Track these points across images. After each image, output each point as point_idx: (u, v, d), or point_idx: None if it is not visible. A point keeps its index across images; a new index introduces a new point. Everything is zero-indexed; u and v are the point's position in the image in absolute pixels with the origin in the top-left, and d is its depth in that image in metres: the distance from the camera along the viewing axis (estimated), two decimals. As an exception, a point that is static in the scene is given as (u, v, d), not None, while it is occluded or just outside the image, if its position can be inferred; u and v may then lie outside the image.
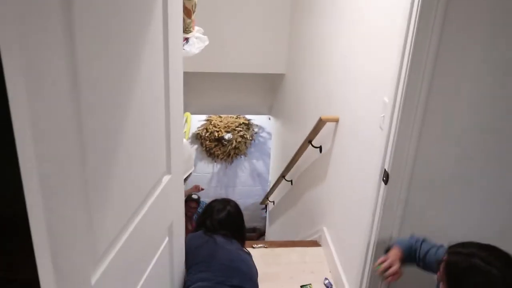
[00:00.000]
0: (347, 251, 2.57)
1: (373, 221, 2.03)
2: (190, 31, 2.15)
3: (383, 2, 2.03)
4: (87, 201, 0.99)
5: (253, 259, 2.32)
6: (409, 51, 1.67)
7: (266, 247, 3.08)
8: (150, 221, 1.44)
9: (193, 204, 4.80)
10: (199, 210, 6.32)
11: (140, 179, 1.34)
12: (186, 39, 2.15)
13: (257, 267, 2.30)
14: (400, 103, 1.74)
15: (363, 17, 2.30)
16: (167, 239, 1.68)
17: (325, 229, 3.02)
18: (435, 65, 1.67)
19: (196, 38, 2.18)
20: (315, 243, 3.14)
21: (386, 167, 1.88)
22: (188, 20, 2.11)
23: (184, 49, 2.15)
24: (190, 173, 2.35)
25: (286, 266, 2.92)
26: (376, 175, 1.96)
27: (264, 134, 7.66)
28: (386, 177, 1.87)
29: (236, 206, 2.29)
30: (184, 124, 3.20)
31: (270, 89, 5.88)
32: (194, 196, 4.85)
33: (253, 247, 3.05)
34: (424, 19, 1.60)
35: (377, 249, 2.04)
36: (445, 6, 1.59)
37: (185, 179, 2.27)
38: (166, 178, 1.57)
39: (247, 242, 3.12)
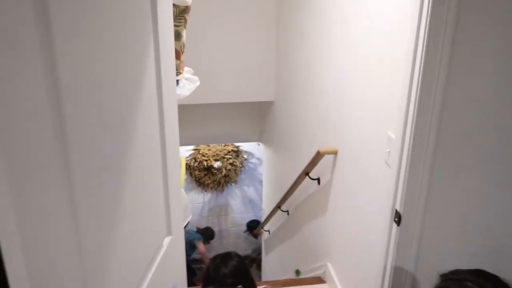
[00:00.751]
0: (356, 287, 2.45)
1: (386, 261, 1.92)
2: (180, 73, 2.04)
3: (384, 21, 1.94)
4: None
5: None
6: (418, 78, 1.56)
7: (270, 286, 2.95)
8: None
9: None
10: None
11: (140, 250, 1.22)
12: (176, 81, 2.04)
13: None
14: (410, 139, 1.64)
15: (362, 39, 2.21)
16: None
17: (329, 264, 2.90)
18: (445, 93, 1.57)
19: (186, 79, 2.08)
20: (319, 280, 3.01)
21: (397, 208, 1.77)
22: (177, 62, 2.01)
23: (175, 93, 2.04)
24: (188, 222, 2.22)
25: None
26: (387, 215, 1.85)
27: (254, 160, 7.56)
28: (398, 218, 1.77)
29: (238, 256, 2.14)
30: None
31: (258, 116, 5.79)
32: None
33: (256, 289, 2.91)
34: (433, 43, 1.51)
35: (393, 285, 1.92)
36: (455, 24, 1.49)
37: (185, 226, 2.14)
38: (167, 241, 1.45)
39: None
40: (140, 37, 1.14)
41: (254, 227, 7.33)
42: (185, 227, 2.13)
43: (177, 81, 2.06)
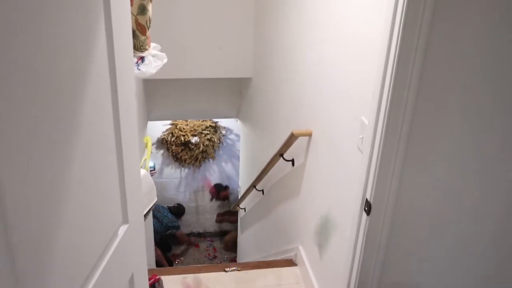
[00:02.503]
0: (326, 273, 2.41)
1: (354, 249, 1.87)
2: (146, 49, 1.93)
3: (361, 4, 1.85)
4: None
5: (226, 284, 2.12)
6: (393, 63, 1.48)
7: (239, 270, 2.90)
8: (107, 279, 1.24)
9: None
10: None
11: (90, 241, 1.13)
12: (142, 58, 1.94)
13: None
14: (383, 126, 1.57)
15: (337, 21, 2.13)
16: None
17: (300, 248, 2.86)
18: (420, 79, 1.50)
19: (153, 56, 1.97)
20: (290, 262, 2.98)
21: (368, 197, 1.71)
22: (143, 37, 1.90)
23: (139, 70, 1.94)
24: (153, 205, 2.14)
25: (262, 289, 2.75)
26: (357, 203, 1.79)
27: (232, 136, 7.48)
28: (368, 207, 1.71)
29: None
30: (144, 150, 2.98)
31: (237, 92, 5.69)
32: None
33: (226, 271, 2.86)
34: (410, 26, 1.42)
35: (360, 274, 1.87)
36: (433, 6, 1.40)
37: (148, 212, 2.07)
38: (123, 229, 1.37)
39: (219, 266, 2.95)
40: (90, 11, 1.03)
41: (219, 190, 7.37)
42: (149, 211, 2.06)
43: (143, 58, 1.95)
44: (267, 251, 3.96)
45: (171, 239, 7.04)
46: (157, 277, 2.75)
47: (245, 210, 5.53)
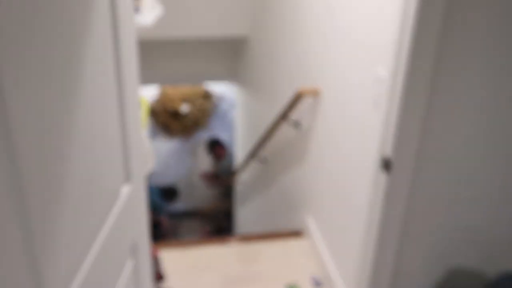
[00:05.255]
0: (339, 244, 2.45)
1: (372, 215, 1.91)
2: (140, -3, 1.93)
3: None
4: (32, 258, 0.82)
5: (227, 258, 2.15)
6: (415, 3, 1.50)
7: (241, 241, 2.95)
8: (108, 247, 1.26)
9: None
10: None
11: (93, 200, 1.15)
12: (136, 9, 1.93)
13: (233, 268, 2.15)
14: (404, 75, 1.59)
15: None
16: (130, 263, 1.50)
17: (309, 218, 2.90)
18: (445, 22, 1.51)
19: (149, 5, 1.97)
20: (298, 234, 3.02)
21: (387, 154, 1.74)
22: (137, -16, 1.89)
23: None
24: (149, 173, 2.16)
25: (267, 263, 2.80)
26: (374, 161, 1.82)
27: (226, 105, 7.47)
28: (387, 165, 1.74)
29: None
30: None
31: (232, 53, 5.66)
32: None
33: (226, 244, 2.91)
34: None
35: (379, 242, 1.91)
36: None
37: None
38: (125, 189, 1.39)
39: (219, 239, 2.99)
40: None
41: (215, 144, 7.14)
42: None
43: (138, 7, 1.95)
44: (269, 226, 4.00)
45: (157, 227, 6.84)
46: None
47: (243, 183, 5.57)
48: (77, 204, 1.04)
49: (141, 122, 2.68)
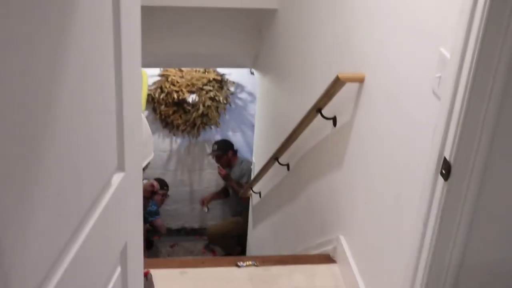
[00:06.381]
0: (379, 270, 2.47)
1: (424, 230, 1.92)
2: None
3: None
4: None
5: (239, 282, 2.19)
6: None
7: (256, 265, 2.97)
8: (92, 247, 1.29)
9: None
10: None
11: (79, 183, 1.18)
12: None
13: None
14: (474, 58, 1.60)
15: None
16: (119, 269, 1.53)
17: (342, 238, 2.92)
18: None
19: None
20: (327, 259, 3.05)
21: (446, 155, 1.75)
22: None
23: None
24: (149, 162, 2.20)
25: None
26: (431, 165, 1.83)
27: (243, 95, 7.50)
28: (446, 169, 1.75)
29: None
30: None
31: (254, 31, 5.69)
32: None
33: (238, 266, 2.93)
34: None
35: (430, 271, 1.92)
36: None
37: (143, 170, 2.13)
38: (117, 178, 1.42)
39: (229, 259, 3.01)
40: None
41: (225, 149, 7.08)
42: (144, 169, 2.12)
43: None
44: (292, 250, 4.02)
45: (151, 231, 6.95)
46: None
47: (260, 196, 5.58)
48: (56, 196, 1.05)
49: (142, 100, 2.73)
